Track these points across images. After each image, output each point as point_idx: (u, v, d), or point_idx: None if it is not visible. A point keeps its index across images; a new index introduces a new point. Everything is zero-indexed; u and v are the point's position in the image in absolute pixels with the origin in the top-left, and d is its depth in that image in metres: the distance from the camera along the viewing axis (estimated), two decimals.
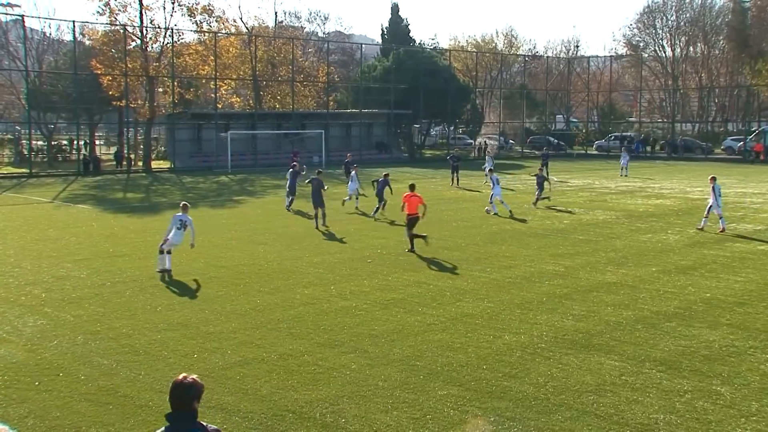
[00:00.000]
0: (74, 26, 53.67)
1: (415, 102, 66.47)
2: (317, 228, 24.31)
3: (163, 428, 5.05)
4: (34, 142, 60.34)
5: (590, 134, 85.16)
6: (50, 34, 68.72)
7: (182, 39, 59.76)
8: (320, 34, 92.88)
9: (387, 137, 70.12)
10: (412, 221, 20.25)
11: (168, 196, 37.05)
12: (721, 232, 23.15)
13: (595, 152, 77.21)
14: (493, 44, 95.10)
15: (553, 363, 10.99)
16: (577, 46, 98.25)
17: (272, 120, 64.03)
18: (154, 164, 57.34)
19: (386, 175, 28.46)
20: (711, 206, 23.67)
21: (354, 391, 9.92)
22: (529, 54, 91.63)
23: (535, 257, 19.35)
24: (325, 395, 9.77)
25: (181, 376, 5.08)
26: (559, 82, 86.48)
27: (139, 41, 55.60)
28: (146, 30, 55.30)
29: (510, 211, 27.79)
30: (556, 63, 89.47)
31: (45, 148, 62.58)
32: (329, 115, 65.59)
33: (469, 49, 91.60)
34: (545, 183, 30.59)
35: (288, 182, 30.20)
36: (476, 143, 77.54)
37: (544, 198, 30.58)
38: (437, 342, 12.01)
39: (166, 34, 55.71)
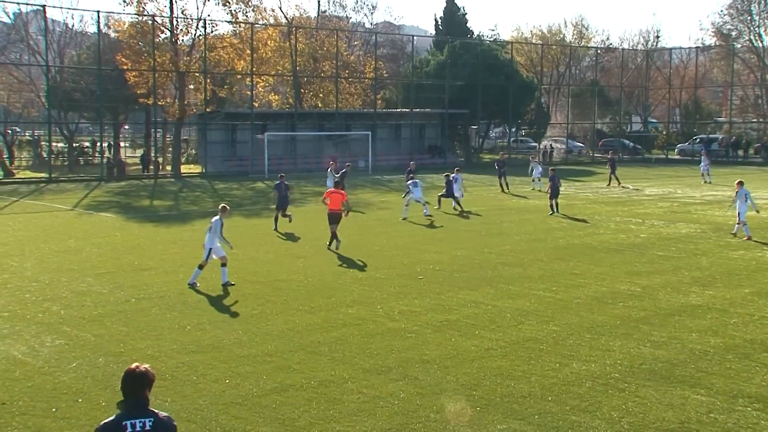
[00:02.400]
0: (99, 17, 54.65)
1: (473, 100, 66.39)
2: (275, 230, 26.90)
3: (114, 416, 5.68)
4: (54, 144, 61.81)
5: (672, 136, 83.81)
6: (73, 25, 70.53)
7: (216, 31, 60.56)
8: (367, 26, 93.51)
9: (441, 139, 70.02)
10: (332, 217, 23.01)
11: (199, 204, 37.57)
12: (747, 239, 24.64)
13: (678, 157, 76.09)
14: (561, 35, 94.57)
15: (628, 396, 10.82)
16: (658, 37, 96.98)
17: (314, 120, 64.52)
18: (184, 169, 58.19)
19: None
20: (739, 212, 25.27)
21: (403, 423, 9.89)
22: (602, 46, 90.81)
23: (608, 275, 19.13)
24: (370, 427, 9.76)
25: (133, 365, 5.78)
26: (636, 78, 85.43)
27: (168, 33, 56.52)
28: (177, 21, 56.22)
29: (427, 215, 29.77)
30: (632, 56, 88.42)
31: (66, 150, 64.04)
32: (377, 115, 65.83)
33: (533, 41, 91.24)
34: (559, 188, 32.47)
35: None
36: (541, 146, 77.02)
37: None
38: (496, 369, 11.93)
39: (198, 25, 56.56)
